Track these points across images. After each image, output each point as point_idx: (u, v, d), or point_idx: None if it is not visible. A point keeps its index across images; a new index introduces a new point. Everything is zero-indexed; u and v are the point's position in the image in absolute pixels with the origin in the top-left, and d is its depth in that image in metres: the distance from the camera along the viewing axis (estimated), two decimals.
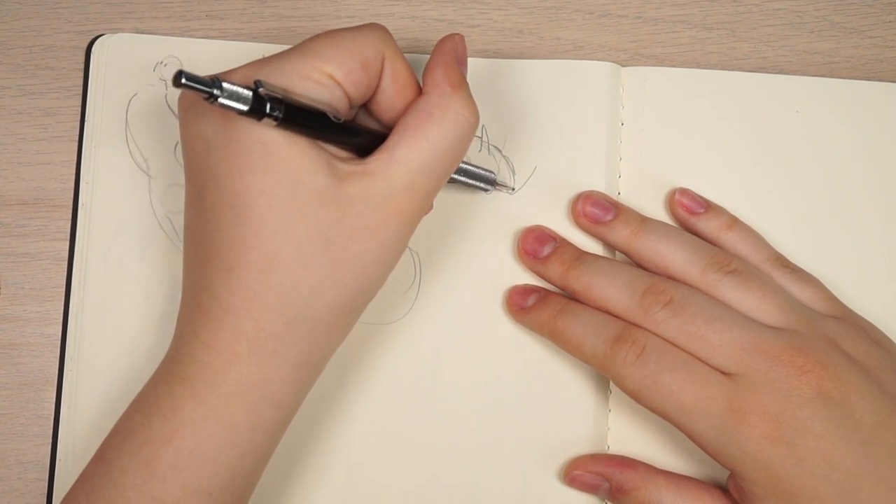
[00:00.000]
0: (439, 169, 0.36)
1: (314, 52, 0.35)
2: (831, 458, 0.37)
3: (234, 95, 0.32)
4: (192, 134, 0.35)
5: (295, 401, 0.37)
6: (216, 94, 0.32)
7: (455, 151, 0.37)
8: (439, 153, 0.36)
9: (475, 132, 0.37)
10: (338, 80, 0.35)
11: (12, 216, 0.45)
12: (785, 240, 0.45)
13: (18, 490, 0.44)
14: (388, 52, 0.37)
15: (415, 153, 0.36)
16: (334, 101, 0.35)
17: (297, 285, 0.34)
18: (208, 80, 0.32)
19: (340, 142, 0.36)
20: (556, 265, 0.43)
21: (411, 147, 0.36)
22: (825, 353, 0.38)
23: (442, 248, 0.45)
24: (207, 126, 0.34)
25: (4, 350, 0.44)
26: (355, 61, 0.36)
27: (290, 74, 0.34)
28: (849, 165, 0.46)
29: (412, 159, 0.35)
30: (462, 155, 0.37)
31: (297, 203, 0.34)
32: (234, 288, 0.34)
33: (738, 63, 0.47)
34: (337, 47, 0.35)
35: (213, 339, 0.34)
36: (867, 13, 0.48)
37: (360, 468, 0.43)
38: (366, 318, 0.44)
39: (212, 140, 0.34)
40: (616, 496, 0.42)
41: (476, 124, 0.37)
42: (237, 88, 0.32)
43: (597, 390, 0.44)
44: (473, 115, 0.37)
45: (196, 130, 0.35)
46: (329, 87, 0.35)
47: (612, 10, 0.48)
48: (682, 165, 0.46)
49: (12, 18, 0.47)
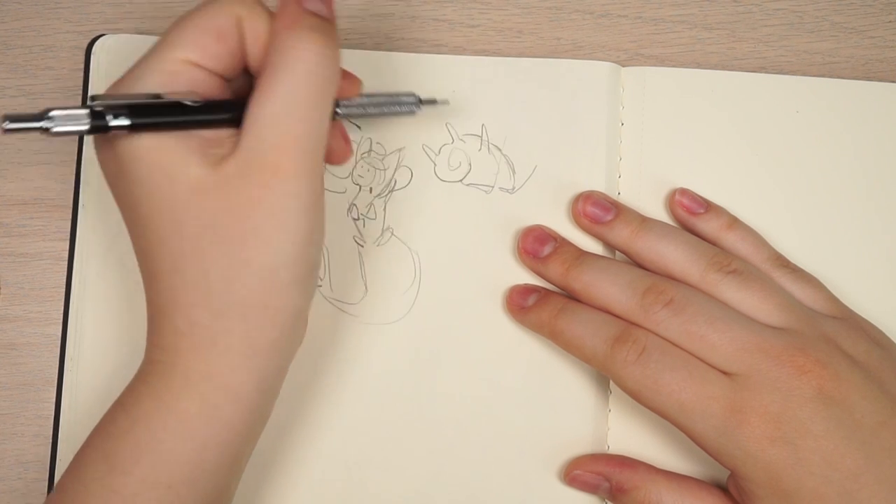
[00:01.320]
0: (300, 111, 0.34)
1: (166, 42, 0.35)
2: (832, 458, 0.37)
3: (70, 119, 0.32)
4: (103, 169, 0.36)
5: (257, 391, 0.36)
6: (45, 126, 0.32)
7: (311, 88, 0.34)
8: (289, 95, 0.34)
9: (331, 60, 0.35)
10: (194, 62, 0.35)
11: (12, 216, 0.45)
12: (785, 240, 0.45)
13: (18, 490, 0.44)
14: (244, 12, 0.35)
15: (266, 108, 0.34)
16: (196, 84, 0.35)
17: (207, 277, 0.34)
18: (34, 114, 0.32)
19: (210, 123, 0.35)
20: (557, 265, 0.43)
21: (261, 104, 0.34)
22: (825, 352, 0.38)
23: (442, 248, 0.45)
24: (107, 168, 0.36)
25: (4, 350, 0.44)
26: (207, 36, 0.35)
27: (142, 76, 0.35)
28: (849, 165, 0.46)
29: (265, 115, 0.34)
30: (326, 87, 0.35)
31: (177, 201, 0.34)
32: (159, 291, 0.35)
33: (738, 63, 0.47)
34: (187, 29, 0.35)
35: (159, 339, 0.36)
36: (867, 13, 0.48)
37: (359, 468, 0.43)
38: (366, 318, 0.44)
39: (108, 168, 0.36)
40: (616, 496, 0.42)
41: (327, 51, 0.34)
42: (69, 111, 0.32)
43: (597, 390, 0.44)
44: (319, 43, 0.34)
45: (102, 165, 0.36)
46: (185, 73, 0.35)
47: (612, 10, 0.48)
48: (682, 165, 0.46)
49: (12, 18, 0.47)
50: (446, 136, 0.45)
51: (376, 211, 0.45)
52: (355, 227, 0.45)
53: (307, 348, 0.38)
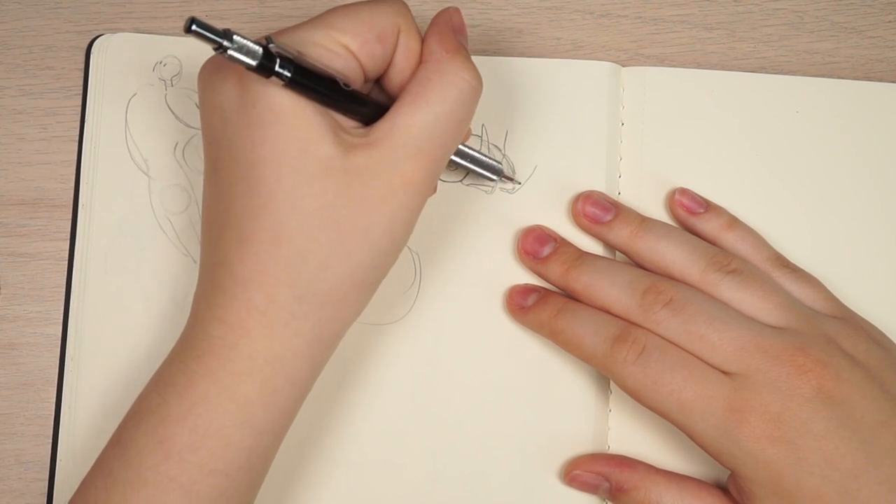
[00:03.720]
0: (443, 133, 0.36)
1: (330, 23, 0.35)
2: (832, 458, 0.37)
3: (244, 49, 0.32)
4: (208, 106, 0.35)
5: (309, 378, 0.36)
6: (226, 45, 0.31)
7: (457, 115, 0.36)
8: (441, 117, 0.35)
9: (478, 95, 0.37)
10: (353, 51, 0.35)
11: (12, 216, 0.45)
12: (785, 240, 0.45)
13: (18, 490, 0.43)
14: (404, 27, 0.36)
15: (416, 118, 0.35)
16: (348, 71, 0.35)
17: (305, 258, 0.34)
18: (219, 30, 0.32)
19: (349, 110, 0.36)
20: (557, 265, 0.43)
21: (412, 113, 0.35)
22: (826, 352, 0.38)
23: (442, 248, 0.45)
24: (223, 97, 0.35)
25: (4, 350, 0.44)
26: (371, 32, 0.36)
27: (304, 42, 0.35)
28: (849, 165, 0.46)
29: (414, 125, 0.35)
30: (467, 119, 0.37)
31: (303, 174, 0.34)
32: (245, 259, 0.34)
33: (738, 63, 0.47)
34: (353, 19, 0.35)
35: (225, 313, 0.34)
36: (867, 13, 0.48)
37: (360, 468, 0.43)
38: (366, 318, 0.44)
39: (227, 111, 0.34)
40: (616, 496, 0.42)
41: (478, 87, 0.36)
42: (247, 42, 0.32)
43: (597, 390, 0.44)
44: (474, 77, 0.36)
45: (212, 102, 0.35)
46: (343, 57, 0.35)
47: (612, 10, 0.48)
48: (681, 165, 0.46)
49: (12, 18, 0.47)
50: None
51: None
52: None
53: None
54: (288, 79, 0.33)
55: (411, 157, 0.35)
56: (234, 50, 0.32)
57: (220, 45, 0.31)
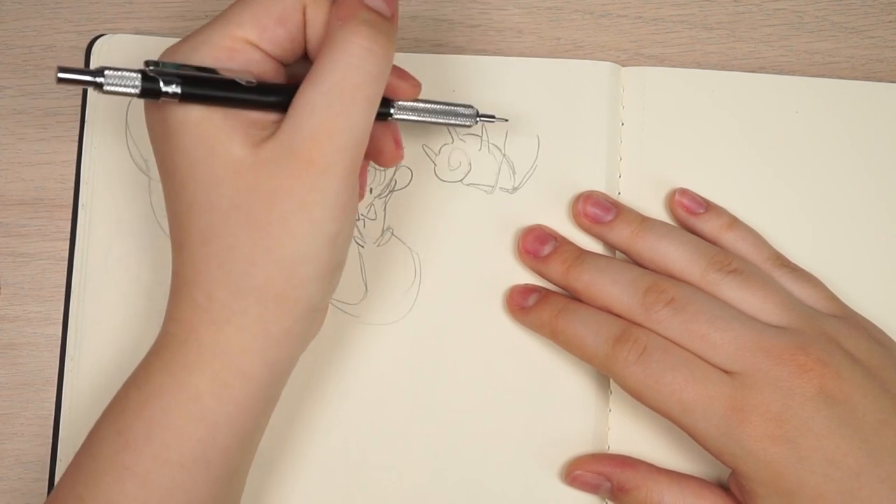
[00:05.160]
0: (338, 103, 0.34)
1: (228, 18, 0.35)
2: (833, 457, 0.37)
3: (122, 80, 0.32)
4: (149, 129, 0.37)
5: (268, 374, 0.36)
6: (99, 81, 0.32)
7: (351, 80, 0.34)
8: (332, 87, 0.34)
9: (376, 57, 0.34)
10: (253, 42, 0.35)
11: (12, 216, 0.45)
12: (785, 239, 0.45)
13: (18, 490, 0.43)
14: (310, 1, 0.35)
15: (308, 97, 0.34)
16: (251, 65, 0.35)
17: (232, 255, 0.34)
18: (89, 69, 0.32)
19: (261, 105, 0.35)
20: (557, 264, 0.43)
21: (303, 92, 0.34)
22: (827, 351, 0.38)
23: (442, 248, 0.45)
24: (152, 119, 0.36)
25: (4, 350, 0.44)
26: (269, 17, 0.35)
27: (202, 44, 0.35)
28: (849, 165, 0.46)
29: (307, 103, 0.34)
30: (366, 83, 0.34)
31: (215, 176, 0.34)
32: (185, 262, 0.36)
33: (738, 63, 0.47)
34: (250, 8, 0.35)
35: (176, 311, 0.36)
36: (867, 13, 0.48)
37: (360, 468, 0.43)
38: (366, 318, 0.44)
39: (154, 131, 0.36)
40: (617, 496, 0.42)
41: (373, 48, 0.34)
42: (122, 73, 0.32)
43: (598, 390, 0.44)
44: (366, 38, 0.34)
45: (148, 125, 0.37)
46: (243, 52, 0.35)
47: (612, 10, 0.48)
48: (682, 165, 0.46)
49: (12, 18, 0.47)
50: (446, 136, 0.45)
51: (376, 211, 0.45)
52: (356, 228, 0.45)
53: (307, 349, 0.38)
54: (179, 95, 0.33)
55: (308, 137, 0.34)
56: (110, 85, 0.32)
57: (94, 82, 0.32)
